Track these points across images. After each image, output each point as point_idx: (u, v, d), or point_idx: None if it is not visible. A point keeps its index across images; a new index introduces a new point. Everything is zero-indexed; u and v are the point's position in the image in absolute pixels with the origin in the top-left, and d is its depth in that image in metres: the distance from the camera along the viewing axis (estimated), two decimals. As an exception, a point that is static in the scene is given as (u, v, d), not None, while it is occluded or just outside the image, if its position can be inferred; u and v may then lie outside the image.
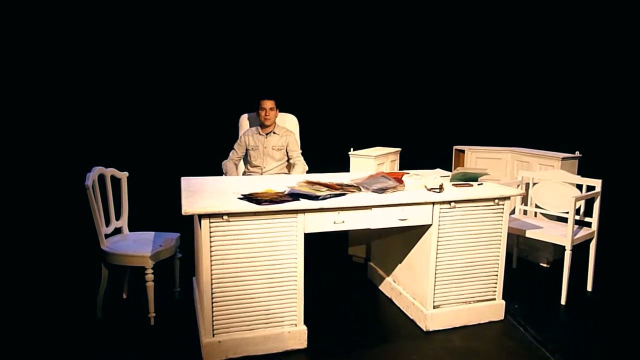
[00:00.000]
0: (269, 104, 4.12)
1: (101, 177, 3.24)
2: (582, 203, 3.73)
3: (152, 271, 3.06)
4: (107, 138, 5.07)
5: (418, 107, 5.97)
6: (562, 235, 3.52)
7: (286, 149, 4.25)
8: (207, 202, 2.64)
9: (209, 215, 2.54)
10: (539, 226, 3.75)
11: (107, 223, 3.29)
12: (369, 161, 4.05)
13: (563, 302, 3.51)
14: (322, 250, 4.25)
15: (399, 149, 4.52)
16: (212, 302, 2.63)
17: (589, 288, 3.75)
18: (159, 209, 4.41)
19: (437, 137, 5.69)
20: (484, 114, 5.98)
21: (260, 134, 4.22)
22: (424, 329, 3.10)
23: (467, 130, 5.78)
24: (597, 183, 3.62)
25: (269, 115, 4.12)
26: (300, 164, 4.21)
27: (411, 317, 3.25)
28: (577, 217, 3.67)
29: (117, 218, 3.41)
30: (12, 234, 4.56)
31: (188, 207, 2.54)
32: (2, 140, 4.75)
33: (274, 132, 4.23)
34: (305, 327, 2.82)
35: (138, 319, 3.19)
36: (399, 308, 3.42)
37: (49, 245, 4.47)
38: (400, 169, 4.38)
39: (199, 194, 2.87)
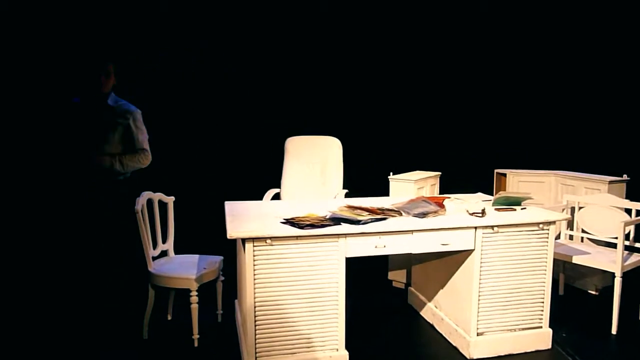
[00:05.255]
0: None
1: (149, 202, 3.37)
2: (631, 228, 3.61)
3: (196, 293, 3.14)
4: (155, 164, 5.24)
5: (458, 130, 5.93)
6: (611, 262, 3.41)
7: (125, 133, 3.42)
8: (250, 226, 2.71)
9: (253, 239, 2.60)
10: (586, 252, 3.64)
11: (155, 246, 3.40)
12: (409, 185, 4.05)
13: (614, 331, 3.38)
14: (361, 275, 4.24)
15: (439, 173, 4.51)
16: (255, 326, 2.67)
17: (642, 317, 3.60)
18: (202, 232, 4.51)
19: (477, 160, 5.62)
20: (525, 136, 5.88)
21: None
22: (468, 357, 3.03)
23: (508, 153, 5.69)
24: (648, 207, 3.51)
25: (103, 82, 3.33)
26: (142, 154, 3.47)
27: (454, 344, 3.20)
28: (627, 243, 3.55)
29: (164, 241, 3.52)
30: (65, 255, 4.74)
31: (232, 231, 2.61)
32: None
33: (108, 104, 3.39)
34: (346, 352, 2.82)
35: (182, 340, 3.26)
36: (441, 334, 3.36)
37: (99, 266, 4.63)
38: (440, 193, 4.36)
39: (242, 218, 2.94)
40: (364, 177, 4.78)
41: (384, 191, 4.21)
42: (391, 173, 4.25)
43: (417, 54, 5.76)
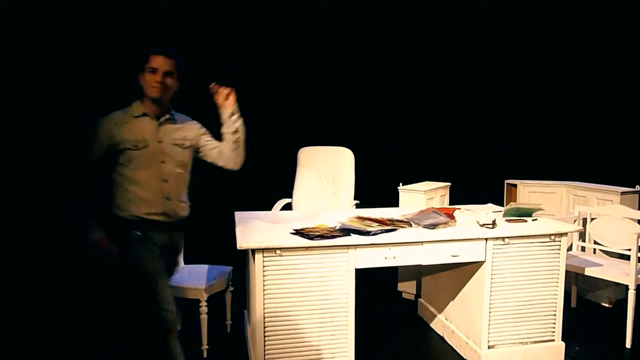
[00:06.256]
0: (166, 64, 2.39)
1: (160, 212, 3.37)
2: (645, 240, 3.56)
3: (206, 303, 3.14)
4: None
5: (468, 141, 5.91)
6: (625, 274, 3.36)
7: (198, 145, 2.66)
8: (260, 237, 2.71)
9: (263, 250, 2.60)
10: (599, 264, 3.60)
11: (164, 256, 3.39)
12: (419, 196, 4.04)
13: (628, 345, 3.33)
14: (371, 286, 4.21)
15: (449, 184, 4.49)
16: (265, 337, 2.66)
17: (657, 331, 3.54)
18: (212, 243, 4.51)
19: (487, 171, 5.59)
20: (536, 147, 5.85)
21: (148, 116, 2.43)
22: (479, 370, 3.01)
23: (518, 163, 5.66)
24: (661, 219, 3.47)
25: (165, 83, 2.39)
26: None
27: (465, 357, 3.16)
28: (641, 255, 3.50)
29: (174, 251, 3.52)
30: (74, 265, 4.77)
31: (243, 241, 2.61)
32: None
33: (171, 117, 2.51)
34: (356, 364, 2.81)
35: (191, 350, 3.23)
36: (451, 347, 3.33)
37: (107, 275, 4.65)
38: (450, 204, 4.33)
39: (252, 228, 2.94)
40: (373, 187, 4.77)
41: (394, 202, 4.20)
42: (401, 184, 4.24)
43: (429, 65, 5.78)
